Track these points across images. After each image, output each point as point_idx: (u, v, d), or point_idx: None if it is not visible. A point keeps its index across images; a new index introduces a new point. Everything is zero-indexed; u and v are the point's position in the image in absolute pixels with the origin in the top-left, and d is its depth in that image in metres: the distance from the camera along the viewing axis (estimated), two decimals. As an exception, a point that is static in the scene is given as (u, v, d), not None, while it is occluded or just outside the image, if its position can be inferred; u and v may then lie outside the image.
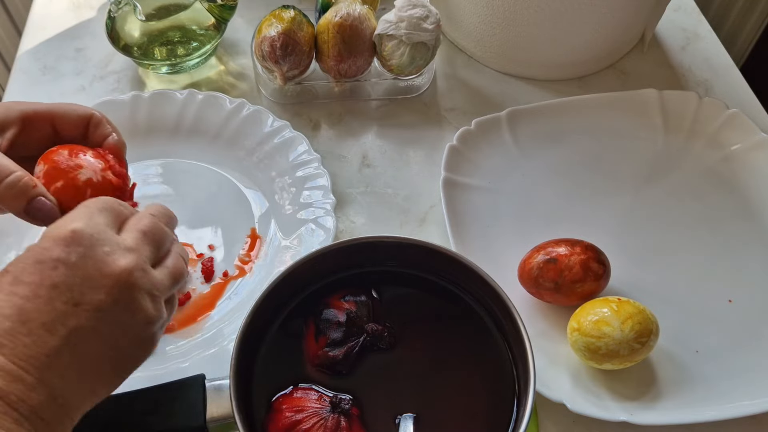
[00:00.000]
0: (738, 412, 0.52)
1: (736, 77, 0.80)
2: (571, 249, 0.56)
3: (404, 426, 0.44)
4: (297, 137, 0.68)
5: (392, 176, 0.70)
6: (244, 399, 0.44)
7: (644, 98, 0.72)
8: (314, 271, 0.50)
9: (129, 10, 0.73)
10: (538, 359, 0.46)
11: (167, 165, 0.69)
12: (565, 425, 0.54)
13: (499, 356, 0.48)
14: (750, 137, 0.69)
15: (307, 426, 0.43)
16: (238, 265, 0.62)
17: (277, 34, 0.67)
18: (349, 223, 0.66)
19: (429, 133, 0.73)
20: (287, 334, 0.49)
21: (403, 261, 0.51)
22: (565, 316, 0.56)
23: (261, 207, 0.66)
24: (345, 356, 0.47)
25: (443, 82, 0.78)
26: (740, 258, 0.63)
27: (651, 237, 0.64)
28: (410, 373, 0.47)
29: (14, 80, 0.77)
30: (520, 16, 0.72)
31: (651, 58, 0.81)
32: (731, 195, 0.67)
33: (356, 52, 0.69)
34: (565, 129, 0.71)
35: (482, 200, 0.66)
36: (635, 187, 0.68)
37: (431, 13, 0.68)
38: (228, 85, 0.77)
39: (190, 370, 0.54)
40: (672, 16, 0.85)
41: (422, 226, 0.66)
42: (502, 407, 0.46)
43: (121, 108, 0.70)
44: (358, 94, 0.75)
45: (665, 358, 0.56)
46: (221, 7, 0.74)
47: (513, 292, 0.49)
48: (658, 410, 0.53)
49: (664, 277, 0.62)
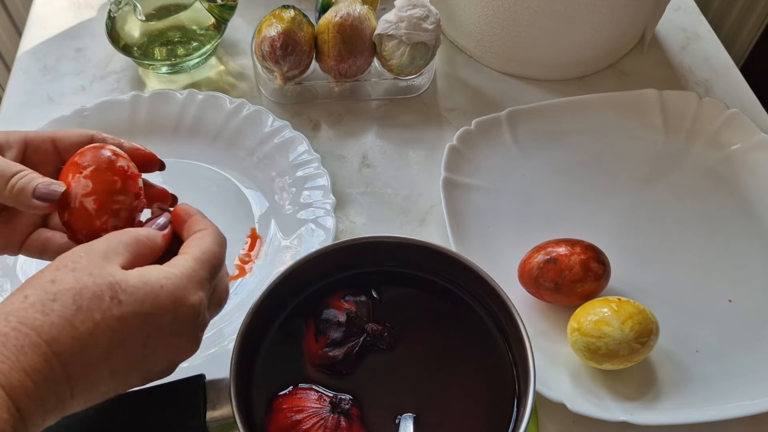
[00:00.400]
0: (738, 412, 0.52)
1: (736, 77, 0.80)
2: (571, 249, 0.56)
3: (404, 426, 0.44)
4: (297, 137, 0.68)
5: (392, 176, 0.70)
6: (244, 399, 0.44)
7: (644, 98, 0.72)
8: (314, 271, 0.50)
9: (129, 10, 0.73)
10: (538, 359, 0.46)
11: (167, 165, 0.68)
12: (565, 425, 0.54)
13: (499, 356, 0.48)
14: (750, 137, 0.69)
15: (307, 426, 0.43)
16: (238, 265, 0.62)
17: (277, 34, 0.67)
18: (349, 223, 0.66)
19: (429, 133, 0.73)
20: (287, 334, 0.49)
21: (403, 261, 0.51)
22: (565, 316, 0.56)
23: (261, 207, 0.66)
24: (345, 356, 0.47)
25: (443, 82, 0.78)
26: (740, 258, 0.63)
27: (651, 237, 0.64)
28: (410, 373, 0.47)
29: (14, 80, 0.77)
30: (520, 16, 0.72)
31: (651, 58, 0.81)
32: (731, 195, 0.67)
33: (356, 52, 0.69)
34: (565, 129, 0.71)
35: (482, 200, 0.66)
36: (635, 187, 0.68)
37: (431, 13, 0.68)
38: (228, 85, 0.77)
39: (190, 370, 0.54)
40: (672, 16, 0.85)
41: (422, 226, 0.66)
42: (502, 407, 0.45)
43: (121, 108, 0.70)
44: (358, 94, 0.75)
45: (665, 358, 0.56)
46: (221, 7, 0.74)
47: (513, 292, 0.49)
48: (658, 410, 0.53)
49: (664, 277, 0.62)
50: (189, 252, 0.38)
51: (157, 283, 0.35)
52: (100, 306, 0.33)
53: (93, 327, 0.32)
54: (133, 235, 0.38)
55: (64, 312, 0.32)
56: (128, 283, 0.34)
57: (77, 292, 0.33)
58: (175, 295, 0.35)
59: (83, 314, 0.32)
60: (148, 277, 0.35)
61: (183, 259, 0.37)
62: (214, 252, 0.39)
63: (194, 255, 0.38)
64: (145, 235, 0.38)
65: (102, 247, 0.36)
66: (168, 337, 0.35)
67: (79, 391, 0.33)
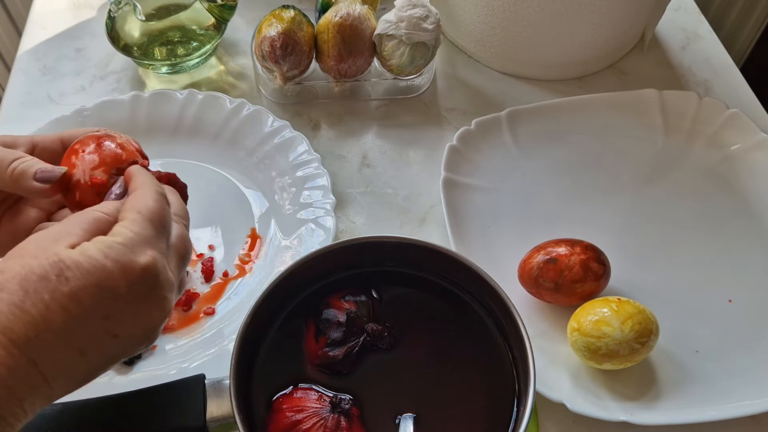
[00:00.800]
0: (738, 412, 0.52)
1: (736, 77, 0.80)
2: (571, 249, 0.56)
3: (404, 426, 0.44)
4: (297, 137, 0.68)
5: (392, 176, 0.70)
6: (244, 399, 0.44)
7: (644, 98, 0.72)
8: (314, 271, 0.50)
9: (129, 10, 0.73)
10: (538, 359, 0.46)
11: (167, 165, 0.68)
12: (565, 425, 0.54)
13: (499, 356, 0.48)
14: (750, 137, 0.69)
15: (307, 426, 0.43)
16: (238, 265, 0.62)
17: (277, 34, 0.67)
18: (349, 223, 0.66)
19: (429, 133, 0.73)
20: (287, 334, 0.49)
21: (403, 261, 0.51)
22: (565, 316, 0.56)
23: (261, 207, 0.66)
24: (345, 356, 0.47)
25: (443, 82, 0.78)
26: (740, 258, 0.63)
27: (651, 237, 0.64)
28: (410, 373, 0.47)
29: (14, 80, 0.77)
30: (520, 16, 0.72)
31: (651, 58, 0.81)
32: (731, 195, 0.67)
33: (356, 52, 0.69)
34: (565, 129, 0.71)
35: (482, 200, 0.66)
36: (635, 187, 0.68)
37: (431, 13, 0.68)
38: (228, 85, 0.77)
39: (190, 370, 0.54)
40: (672, 16, 0.85)
41: (422, 226, 0.66)
42: (502, 407, 0.45)
43: (121, 108, 0.70)
44: (358, 94, 0.75)
45: (665, 358, 0.56)
46: (221, 7, 0.74)
47: (513, 292, 0.49)
48: (658, 410, 0.53)
49: (664, 277, 0.62)
50: (127, 216, 0.37)
51: (100, 254, 0.34)
52: (47, 286, 0.32)
53: (44, 309, 0.32)
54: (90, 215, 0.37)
55: (11, 299, 0.32)
56: (72, 260, 0.33)
57: (23, 277, 0.32)
58: (120, 262, 0.34)
59: (32, 298, 0.32)
60: (90, 250, 0.34)
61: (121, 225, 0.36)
62: (151, 208, 0.37)
63: (131, 217, 0.36)
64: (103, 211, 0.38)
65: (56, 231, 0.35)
66: (130, 305, 0.34)
67: (53, 375, 0.33)
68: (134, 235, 0.35)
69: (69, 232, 0.35)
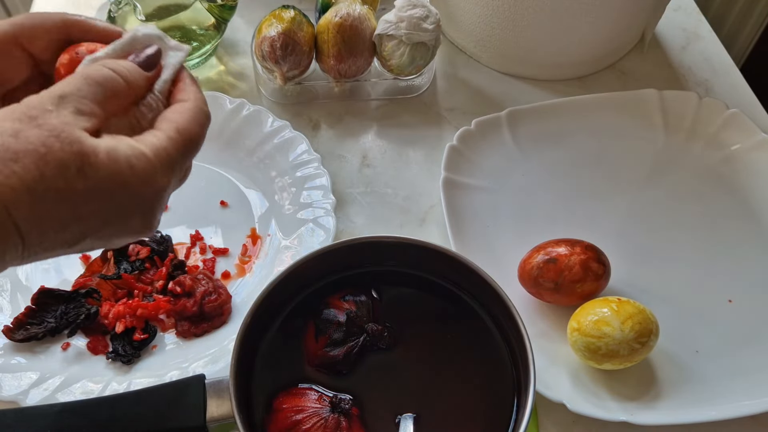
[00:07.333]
0: (738, 412, 0.52)
1: (736, 77, 0.80)
2: (571, 249, 0.56)
3: (404, 426, 0.44)
4: (297, 137, 0.68)
5: (392, 176, 0.70)
6: (244, 399, 0.44)
7: (644, 98, 0.72)
8: (314, 271, 0.50)
9: (129, 10, 0.73)
10: (538, 359, 0.46)
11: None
12: (565, 425, 0.54)
13: (499, 356, 0.48)
14: (750, 137, 0.69)
15: (307, 426, 0.43)
16: (238, 265, 0.62)
17: (277, 34, 0.67)
18: (349, 223, 0.66)
19: (429, 133, 0.73)
20: (287, 334, 0.49)
21: (403, 261, 0.51)
22: (565, 316, 0.56)
23: (261, 207, 0.66)
24: (345, 356, 0.47)
25: (443, 82, 0.78)
26: (740, 258, 0.63)
27: (651, 237, 0.64)
28: (410, 373, 0.47)
29: (14, 80, 0.77)
30: (520, 16, 0.72)
31: (651, 58, 0.81)
32: (731, 195, 0.67)
33: (356, 52, 0.69)
34: (565, 129, 0.71)
35: (482, 200, 0.66)
36: (635, 187, 0.68)
37: (431, 13, 0.68)
38: (228, 85, 0.77)
39: (190, 370, 0.54)
40: (672, 16, 0.85)
41: (422, 226, 0.66)
42: (502, 407, 0.46)
43: (121, 108, 0.70)
44: (358, 94, 0.75)
45: (665, 358, 0.56)
46: (221, 7, 0.74)
47: (513, 292, 0.49)
48: (658, 410, 0.53)
49: (664, 277, 0.62)
50: (164, 128, 0.34)
51: (126, 162, 0.32)
52: (64, 175, 0.30)
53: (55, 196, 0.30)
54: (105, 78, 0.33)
55: (25, 177, 0.29)
56: (97, 157, 0.31)
57: (41, 157, 0.29)
58: (142, 179, 0.32)
59: (45, 183, 0.29)
60: (117, 154, 0.31)
61: (157, 138, 0.33)
62: (192, 132, 0.35)
63: (169, 133, 0.34)
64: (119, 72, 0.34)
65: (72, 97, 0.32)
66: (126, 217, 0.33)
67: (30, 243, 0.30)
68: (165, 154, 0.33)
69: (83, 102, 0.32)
